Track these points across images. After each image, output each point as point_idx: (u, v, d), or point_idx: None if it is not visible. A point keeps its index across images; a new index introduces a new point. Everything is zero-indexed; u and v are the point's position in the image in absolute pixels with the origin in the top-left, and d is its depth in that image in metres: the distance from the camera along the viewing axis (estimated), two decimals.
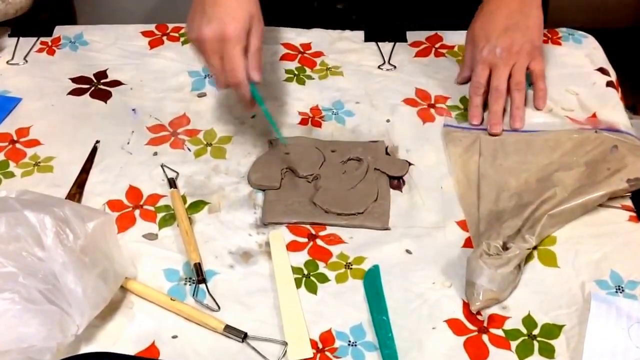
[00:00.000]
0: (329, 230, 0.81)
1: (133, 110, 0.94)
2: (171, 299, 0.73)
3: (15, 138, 0.90)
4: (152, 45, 1.05)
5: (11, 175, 0.86)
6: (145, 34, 1.06)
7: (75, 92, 0.97)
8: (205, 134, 0.92)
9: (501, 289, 0.73)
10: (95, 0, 1.75)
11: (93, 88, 0.97)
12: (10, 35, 1.05)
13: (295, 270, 0.76)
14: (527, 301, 0.73)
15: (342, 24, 1.07)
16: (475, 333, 0.71)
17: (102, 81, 0.99)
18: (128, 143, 0.90)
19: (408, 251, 0.78)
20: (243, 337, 0.70)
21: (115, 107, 0.95)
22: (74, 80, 0.98)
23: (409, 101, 0.95)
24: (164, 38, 1.06)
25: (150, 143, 0.90)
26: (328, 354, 0.69)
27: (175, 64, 1.02)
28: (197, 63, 1.00)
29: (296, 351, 0.70)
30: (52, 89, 0.97)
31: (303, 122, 0.93)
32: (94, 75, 0.99)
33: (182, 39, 1.05)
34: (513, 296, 0.73)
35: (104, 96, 0.96)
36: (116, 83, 0.98)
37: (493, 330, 0.71)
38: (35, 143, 0.90)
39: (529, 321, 0.71)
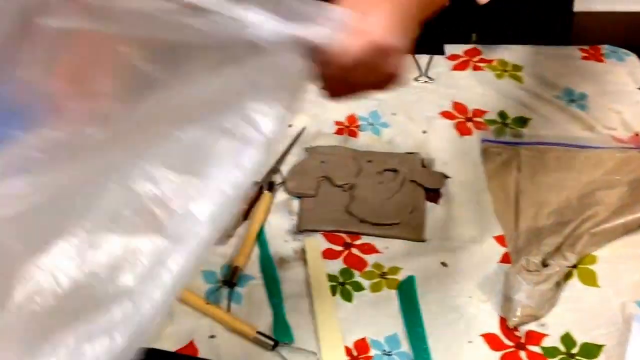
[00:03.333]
0: (364, 239, 0.80)
1: None
2: (206, 303, 0.73)
3: None
4: None
5: None
6: None
7: None
8: None
9: (539, 305, 0.72)
10: None
11: None
12: None
13: (330, 277, 0.76)
14: (566, 319, 0.72)
15: None
16: (513, 349, 0.70)
17: None
18: None
19: (444, 264, 0.77)
20: (273, 345, 0.70)
21: None
22: None
23: (446, 114, 0.94)
24: None
25: None
26: None
27: None
28: None
29: (331, 358, 0.69)
30: None
31: (339, 131, 0.92)
32: None
33: None
34: (552, 314, 0.72)
35: None
36: None
37: (530, 347, 0.70)
38: None
39: (567, 339, 0.70)
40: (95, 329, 0.46)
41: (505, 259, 0.77)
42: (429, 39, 1.04)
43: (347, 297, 0.74)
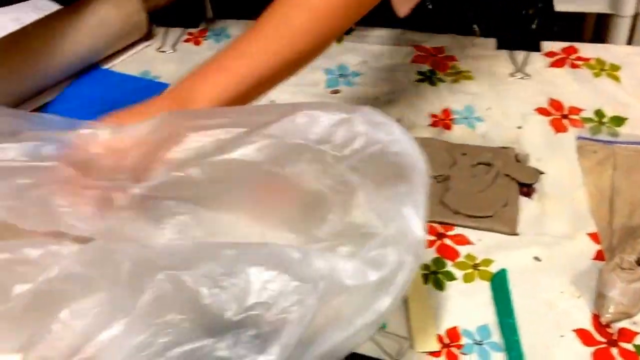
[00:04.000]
0: (457, 230, 0.81)
1: (271, 102, 0.97)
2: None
3: None
4: None
5: None
6: None
7: None
8: None
9: (632, 303, 0.72)
10: None
11: None
12: (159, 25, 1.11)
13: (423, 266, 0.77)
14: None
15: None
16: (605, 345, 0.70)
17: None
18: None
19: (537, 258, 0.78)
20: None
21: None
22: None
23: (541, 110, 0.94)
24: None
25: None
26: (454, 349, 0.70)
27: None
28: (332, 60, 1.03)
29: (423, 344, 0.71)
30: None
31: (434, 123, 0.94)
32: None
33: None
34: None
35: None
36: None
37: (623, 344, 0.70)
38: None
39: None
40: None
41: (599, 256, 0.77)
42: (524, 35, 1.05)
43: (439, 286, 0.76)
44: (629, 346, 0.70)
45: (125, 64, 1.05)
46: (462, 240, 0.80)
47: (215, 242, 0.60)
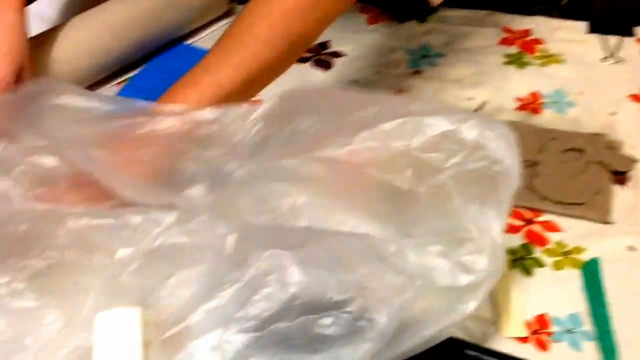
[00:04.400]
0: (546, 216, 0.79)
1: (351, 81, 0.97)
2: None
3: None
4: (371, 21, 1.07)
5: None
6: (363, 10, 1.08)
7: (299, 60, 0.99)
8: None
9: None
10: None
11: (315, 57, 1.01)
12: (238, 3, 1.11)
13: (509, 251, 0.76)
14: None
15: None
16: None
17: (323, 51, 1.02)
18: None
19: (631, 248, 0.76)
20: None
21: (335, 77, 0.98)
22: None
23: (635, 97, 0.92)
24: (383, 15, 1.07)
25: None
26: (544, 337, 0.69)
27: (392, 40, 1.03)
28: (415, 41, 1.02)
29: (510, 329, 0.69)
30: None
31: (521, 107, 0.92)
32: (316, 45, 1.03)
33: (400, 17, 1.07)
34: None
35: (325, 66, 1.00)
36: (337, 54, 1.01)
37: None
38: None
39: None
40: None
41: None
42: (617, 20, 1.02)
43: (527, 272, 0.74)
44: None
45: (206, 41, 1.05)
46: (552, 227, 0.78)
47: (318, 229, 0.61)
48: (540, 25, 1.03)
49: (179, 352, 0.51)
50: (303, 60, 1.00)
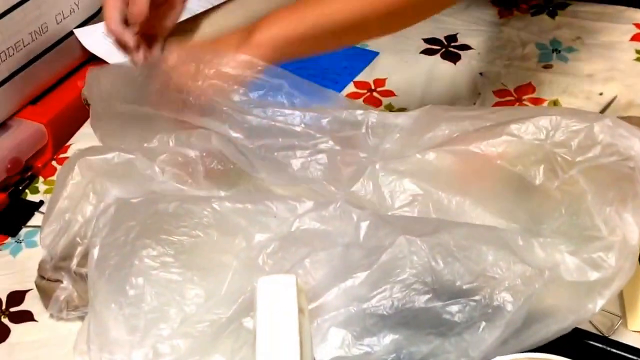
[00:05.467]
0: None
1: (480, 74, 0.98)
2: None
3: (373, 87, 0.98)
4: (502, 15, 1.07)
5: None
6: (495, 3, 1.09)
7: (427, 52, 1.03)
8: (549, 104, 0.93)
9: None
10: None
11: (444, 50, 1.03)
12: None
13: None
14: None
15: None
16: None
17: (452, 44, 1.04)
18: (474, 104, 0.94)
19: None
20: None
21: (463, 69, 1.00)
22: (426, 41, 1.04)
23: None
24: (514, 9, 1.08)
25: (496, 106, 0.93)
26: None
27: (523, 34, 1.04)
28: (545, 36, 1.02)
29: (636, 323, 0.69)
30: (407, 47, 1.03)
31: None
32: (445, 38, 1.04)
33: (531, 11, 1.07)
34: None
35: (454, 58, 1.01)
36: (465, 47, 1.03)
37: None
38: (390, 94, 0.97)
39: None
40: None
41: None
42: None
43: None
44: None
45: None
46: None
47: (448, 220, 0.64)
48: None
49: (314, 326, 0.55)
50: (432, 52, 1.02)
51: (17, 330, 0.74)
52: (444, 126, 0.69)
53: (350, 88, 0.98)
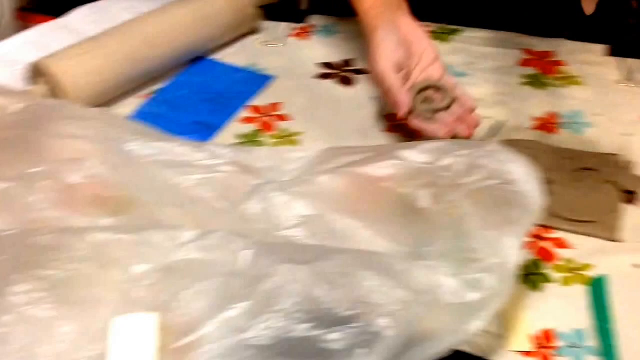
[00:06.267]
0: (557, 234, 0.81)
1: (374, 98, 1.00)
2: None
3: (267, 112, 0.98)
4: None
5: (262, 144, 0.93)
6: None
7: (323, 76, 1.04)
8: None
9: None
10: None
11: (339, 74, 1.04)
12: (268, 19, 1.14)
13: (519, 266, 0.78)
14: None
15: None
16: None
17: (347, 69, 1.05)
18: (368, 128, 0.95)
19: (638, 266, 0.77)
20: None
21: (358, 94, 1.01)
22: (322, 65, 1.05)
23: None
24: None
25: (388, 130, 0.95)
26: (548, 351, 0.71)
27: None
28: None
29: (516, 343, 0.72)
30: (303, 71, 1.04)
31: (538, 127, 0.94)
32: (341, 62, 1.06)
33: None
34: None
35: (349, 82, 1.03)
36: (360, 72, 1.04)
37: None
38: (285, 118, 0.98)
39: None
40: None
41: None
42: (628, 43, 1.04)
43: (536, 287, 0.76)
44: None
45: (233, 56, 1.08)
46: (562, 244, 0.80)
47: (330, 246, 0.65)
48: (560, 47, 1.06)
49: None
50: (327, 76, 1.03)
51: None
52: (341, 158, 0.72)
53: (245, 112, 0.98)
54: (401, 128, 0.93)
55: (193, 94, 1.01)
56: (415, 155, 0.71)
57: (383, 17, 0.88)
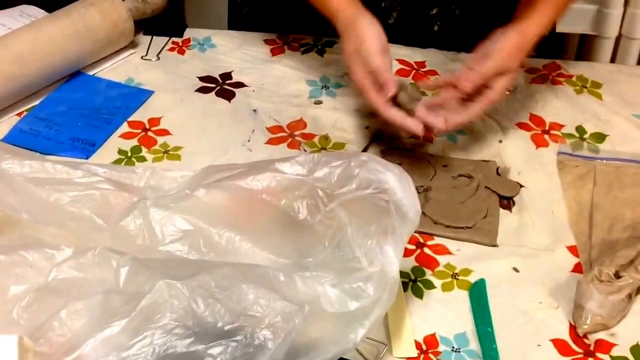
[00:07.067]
0: (437, 240, 0.83)
1: (254, 110, 0.99)
2: None
3: (147, 126, 0.96)
4: (274, 53, 1.09)
5: (143, 159, 0.91)
6: (267, 42, 1.11)
7: (202, 90, 1.02)
8: (320, 139, 0.95)
9: (610, 315, 0.73)
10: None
11: (218, 87, 1.02)
12: (144, 34, 1.11)
13: (402, 274, 0.78)
14: (637, 331, 0.73)
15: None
16: (581, 355, 0.72)
17: (227, 82, 1.04)
18: (249, 140, 0.94)
19: (515, 269, 0.79)
20: None
21: (238, 107, 1.00)
22: (201, 79, 1.04)
23: (522, 125, 0.97)
24: (285, 47, 1.10)
25: (269, 142, 0.94)
26: (431, 356, 0.71)
27: (295, 72, 1.06)
28: (315, 73, 1.05)
29: (401, 349, 0.72)
30: (182, 85, 1.02)
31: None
32: (220, 75, 1.04)
33: (302, 49, 1.09)
34: (622, 324, 0.74)
35: (229, 96, 1.01)
36: (239, 85, 1.03)
37: (600, 355, 0.72)
38: (165, 133, 0.95)
39: (637, 351, 0.72)
40: None
41: (577, 268, 0.79)
42: None
43: (419, 294, 0.77)
44: (605, 357, 0.72)
45: (110, 71, 1.05)
46: (442, 250, 0.82)
47: (210, 260, 0.64)
48: (435, 58, 1.08)
49: None
50: (207, 90, 1.02)
51: None
52: (220, 174, 0.72)
53: (124, 128, 0.95)
54: (281, 140, 0.93)
55: (71, 110, 0.98)
56: (290, 167, 0.71)
57: (357, 10, 0.89)
